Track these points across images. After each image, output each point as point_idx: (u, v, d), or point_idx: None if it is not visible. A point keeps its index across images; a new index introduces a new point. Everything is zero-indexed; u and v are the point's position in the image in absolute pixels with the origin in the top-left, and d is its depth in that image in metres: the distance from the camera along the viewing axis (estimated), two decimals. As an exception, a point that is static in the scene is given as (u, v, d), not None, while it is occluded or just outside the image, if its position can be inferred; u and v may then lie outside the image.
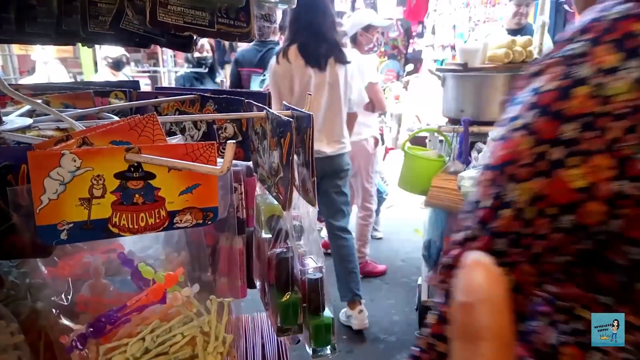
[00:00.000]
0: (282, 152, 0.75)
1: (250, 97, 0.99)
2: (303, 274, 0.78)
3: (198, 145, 0.60)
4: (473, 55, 2.47)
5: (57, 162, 0.54)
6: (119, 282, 0.66)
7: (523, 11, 3.51)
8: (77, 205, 0.55)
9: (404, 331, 2.63)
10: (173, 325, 0.62)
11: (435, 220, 2.52)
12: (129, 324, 0.61)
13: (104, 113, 0.92)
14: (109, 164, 0.56)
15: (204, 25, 0.50)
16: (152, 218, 0.59)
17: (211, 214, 0.63)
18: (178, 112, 1.07)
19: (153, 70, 9.07)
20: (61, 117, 0.71)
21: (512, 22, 3.57)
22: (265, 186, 0.86)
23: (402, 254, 3.67)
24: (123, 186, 0.57)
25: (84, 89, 1.05)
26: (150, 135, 0.64)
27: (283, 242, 0.80)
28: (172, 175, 0.59)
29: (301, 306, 0.77)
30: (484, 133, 2.37)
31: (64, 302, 0.60)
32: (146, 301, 0.62)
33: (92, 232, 0.56)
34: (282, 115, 0.74)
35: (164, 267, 0.68)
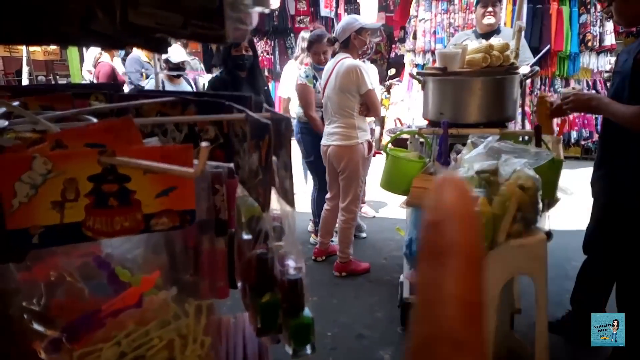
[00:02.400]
0: (260, 155, 0.75)
1: (233, 101, 1.00)
2: (283, 274, 0.79)
3: (174, 148, 0.60)
4: (452, 60, 2.51)
5: (28, 166, 0.53)
6: (95, 285, 0.65)
7: (491, 10, 3.51)
8: (49, 208, 0.54)
9: (386, 327, 2.65)
10: (150, 329, 0.62)
11: (416, 220, 2.54)
12: (104, 329, 0.60)
13: (83, 115, 0.91)
14: (82, 167, 0.56)
15: (176, 27, 0.50)
16: (128, 221, 0.58)
17: (188, 216, 0.62)
18: (160, 114, 1.06)
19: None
20: (36, 119, 0.70)
21: (483, 25, 3.56)
22: (246, 188, 0.86)
23: (385, 252, 3.69)
24: (97, 189, 0.56)
25: (63, 90, 1.04)
26: (126, 138, 0.64)
27: (263, 243, 0.80)
28: (147, 178, 0.59)
29: (281, 307, 0.77)
30: (463, 135, 2.40)
31: (36, 307, 0.60)
32: (122, 305, 0.61)
33: (65, 235, 0.56)
34: (260, 118, 0.74)
35: (142, 269, 0.68)
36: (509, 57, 2.54)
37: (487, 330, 0.46)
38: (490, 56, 2.48)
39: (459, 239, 0.31)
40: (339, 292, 3.08)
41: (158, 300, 0.63)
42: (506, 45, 2.54)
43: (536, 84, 6.32)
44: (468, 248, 0.31)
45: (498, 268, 1.92)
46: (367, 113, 3.17)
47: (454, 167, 2.25)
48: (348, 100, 3.07)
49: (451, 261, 0.31)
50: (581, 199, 2.71)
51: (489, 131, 2.38)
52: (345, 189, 3.21)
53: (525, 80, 2.77)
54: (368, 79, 3.06)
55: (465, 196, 0.33)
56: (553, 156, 2.20)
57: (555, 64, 6.18)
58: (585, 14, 6.00)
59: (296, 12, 7.84)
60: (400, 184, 2.44)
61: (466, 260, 0.31)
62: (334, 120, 3.15)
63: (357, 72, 2.99)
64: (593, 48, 6.04)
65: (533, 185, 1.88)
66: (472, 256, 0.31)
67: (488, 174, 1.91)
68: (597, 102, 2.17)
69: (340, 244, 3.27)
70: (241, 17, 0.55)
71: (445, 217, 0.32)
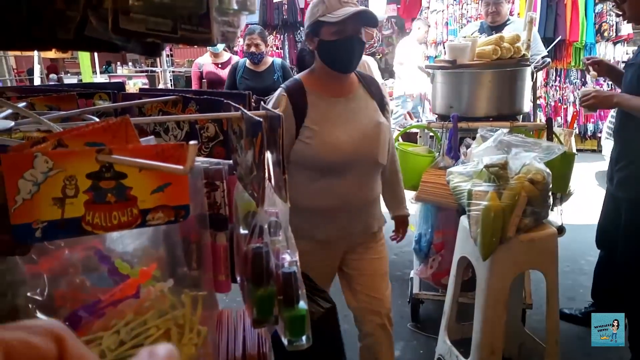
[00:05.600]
0: (255, 152, 0.77)
1: (231, 98, 1.02)
2: (278, 267, 0.81)
3: (168, 146, 0.63)
4: (462, 52, 2.50)
5: (30, 164, 0.56)
6: (96, 277, 0.69)
7: (492, 9, 3.52)
8: (50, 204, 0.58)
9: (397, 323, 2.65)
10: (147, 318, 0.65)
11: (425, 215, 2.55)
12: (104, 318, 0.63)
13: (87, 115, 0.95)
14: (81, 164, 0.59)
15: (167, 32, 0.53)
16: (125, 216, 0.61)
17: (183, 211, 0.65)
18: (161, 113, 1.10)
19: (151, 70, 9.13)
20: (39, 119, 0.73)
21: (487, 19, 3.60)
22: (243, 184, 0.89)
23: (396, 248, 3.69)
24: (95, 186, 0.59)
25: (68, 91, 1.08)
26: (124, 137, 0.67)
27: (259, 238, 0.82)
28: (143, 175, 0.62)
29: (276, 299, 0.80)
30: (472, 129, 2.40)
31: (40, 297, 0.63)
32: (120, 296, 0.64)
33: (66, 230, 0.59)
34: (254, 116, 0.76)
35: (141, 262, 0.71)
36: (520, 48, 2.52)
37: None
38: (500, 48, 2.47)
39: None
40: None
41: (155, 291, 0.66)
42: (517, 37, 2.53)
43: (551, 75, 6.22)
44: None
45: (507, 262, 1.92)
46: None
47: (463, 161, 2.25)
48: None
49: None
50: (598, 192, 2.67)
51: (499, 124, 2.37)
52: None
53: (537, 72, 2.74)
54: (376, 73, 3.06)
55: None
56: (565, 150, 2.19)
57: (571, 55, 6.07)
58: (601, 3, 5.88)
59: (305, 5, 7.83)
60: (410, 178, 2.44)
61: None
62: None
63: (365, 66, 3.01)
64: (609, 38, 5.93)
65: (543, 179, 1.87)
66: None
67: (497, 167, 1.90)
68: (618, 99, 2.16)
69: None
70: (229, 20, 0.57)
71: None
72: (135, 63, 9.37)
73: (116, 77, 8.40)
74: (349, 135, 1.72)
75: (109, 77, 8.35)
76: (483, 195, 1.87)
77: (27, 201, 0.57)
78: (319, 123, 1.72)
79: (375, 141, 1.79)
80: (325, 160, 1.71)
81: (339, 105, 1.77)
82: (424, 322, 2.64)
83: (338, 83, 1.80)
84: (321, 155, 1.71)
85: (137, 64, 9.34)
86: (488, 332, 1.96)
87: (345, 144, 1.71)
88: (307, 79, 1.80)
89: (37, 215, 0.57)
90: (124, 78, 8.30)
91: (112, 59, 9.58)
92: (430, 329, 2.50)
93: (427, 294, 2.59)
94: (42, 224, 0.58)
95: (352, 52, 1.71)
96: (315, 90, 1.76)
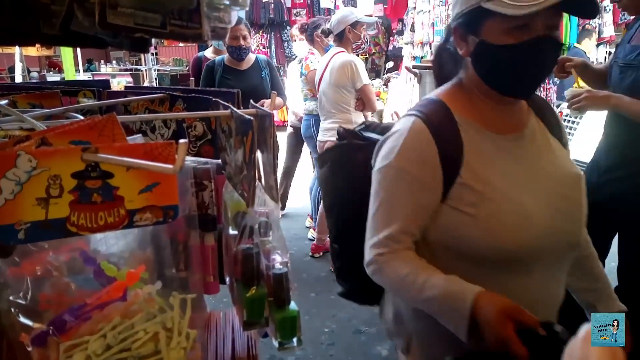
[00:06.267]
0: (245, 151, 0.76)
1: (219, 96, 1.01)
2: (269, 268, 0.80)
3: (156, 145, 0.61)
4: (448, 52, 2.51)
5: (12, 163, 0.54)
6: (82, 280, 0.67)
7: None
8: (34, 205, 0.56)
9: (386, 322, 2.68)
10: (135, 321, 0.63)
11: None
12: (90, 322, 0.62)
13: (70, 113, 0.92)
14: (66, 163, 0.57)
15: (155, 27, 0.51)
16: (111, 217, 0.60)
17: (171, 211, 0.64)
18: (148, 111, 1.08)
19: (135, 69, 9.02)
20: (22, 117, 0.71)
21: None
22: (232, 183, 0.88)
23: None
24: (81, 186, 0.58)
25: (52, 88, 1.05)
26: (110, 135, 0.65)
27: (249, 238, 0.81)
28: (130, 174, 0.60)
29: (267, 300, 0.79)
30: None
31: (23, 301, 0.61)
32: (107, 298, 0.63)
33: (50, 231, 0.57)
34: (244, 114, 0.75)
35: (128, 264, 0.69)
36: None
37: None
38: (486, 49, 2.48)
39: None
40: (337, 287, 3.09)
41: (143, 294, 0.64)
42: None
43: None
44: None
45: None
46: (362, 108, 3.17)
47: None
48: (343, 95, 3.07)
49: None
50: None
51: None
52: None
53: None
54: (364, 74, 3.06)
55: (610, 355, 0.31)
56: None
57: (555, 56, 6.16)
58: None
59: (292, 4, 7.82)
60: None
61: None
62: (330, 115, 3.15)
63: (352, 67, 3.00)
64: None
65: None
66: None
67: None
68: (616, 101, 1.91)
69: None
70: (219, 16, 0.56)
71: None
72: (119, 61, 9.25)
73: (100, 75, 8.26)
74: (538, 202, 0.99)
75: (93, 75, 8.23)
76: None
77: (10, 201, 0.55)
78: (486, 178, 0.98)
79: (577, 210, 1.08)
80: (502, 246, 0.95)
81: (513, 148, 1.03)
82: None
83: (507, 111, 1.06)
84: (497, 236, 0.95)
85: (121, 62, 9.23)
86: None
87: (537, 217, 0.97)
88: (453, 102, 1.04)
89: (20, 215, 0.55)
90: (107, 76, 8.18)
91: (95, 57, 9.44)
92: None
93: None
94: (25, 224, 0.56)
95: (543, 65, 0.98)
96: (470, 121, 1.02)
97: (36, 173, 0.55)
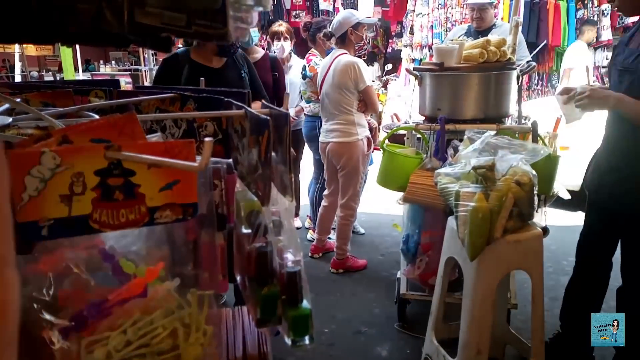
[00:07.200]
0: (260, 150, 0.77)
1: (230, 96, 1.02)
2: (282, 267, 0.81)
3: (177, 143, 0.62)
4: (449, 55, 2.53)
5: (37, 160, 0.55)
6: (101, 277, 0.67)
7: (477, 15, 3.59)
8: (57, 202, 0.57)
9: (384, 324, 2.68)
10: (154, 318, 0.64)
11: (413, 216, 2.57)
12: (111, 318, 0.62)
13: (84, 112, 0.93)
14: (89, 161, 0.58)
15: (181, 27, 0.52)
16: (133, 214, 0.60)
17: (191, 209, 0.64)
18: (158, 111, 1.08)
19: (134, 69, 9.00)
20: (41, 115, 0.72)
21: (473, 24, 3.67)
22: (245, 183, 0.88)
23: (382, 248, 3.72)
24: (103, 183, 0.58)
25: (64, 87, 1.06)
26: (130, 133, 0.66)
27: (262, 237, 0.82)
28: (151, 172, 0.61)
29: (280, 298, 0.79)
30: (460, 131, 2.42)
31: (46, 297, 0.62)
32: (127, 295, 0.63)
33: (73, 228, 0.58)
34: (260, 114, 0.76)
35: (145, 261, 0.70)
36: (506, 52, 2.56)
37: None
38: (487, 52, 2.50)
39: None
40: (337, 288, 3.11)
41: (162, 291, 0.65)
42: (503, 41, 2.56)
43: (533, 79, 6.35)
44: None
45: (494, 263, 1.94)
46: (365, 109, 3.18)
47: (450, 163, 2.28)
48: (346, 97, 3.08)
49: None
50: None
51: (486, 127, 2.39)
52: (344, 186, 3.22)
53: (523, 76, 2.79)
54: (366, 75, 3.07)
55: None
56: (550, 152, 2.23)
57: (553, 59, 6.20)
58: (582, 9, 6.02)
59: (292, 6, 7.83)
60: (397, 180, 2.46)
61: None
62: (332, 116, 3.16)
63: (355, 68, 3.01)
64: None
65: (529, 181, 1.90)
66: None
67: (485, 169, 1.92)
68: (617, 101, 1.89)
69: (338, 240, 3.29)
70: (242, 16, 0.57)
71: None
72: (118, 62, 9.22)
73: (99, 75, 8.24)
74: None
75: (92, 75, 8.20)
76: (471, 197, 1.89)
77: (34, 198, 0.56)
78: None
79: None
80: None
81: None
82: (411, 322, 2.65)
83: None
84: None
85: (121, 63, 9.20)
86: (475, 332, 1.98)
87: None
88: None
89: (43, 212, 0.56)
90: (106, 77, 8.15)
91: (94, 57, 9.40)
92: (417, 329, 2.52)
93: (414, 295, 2.61)
94: (48, 221, 0.56)
95: None
96: None
97: (60, 170, 0.56)
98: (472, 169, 1.93)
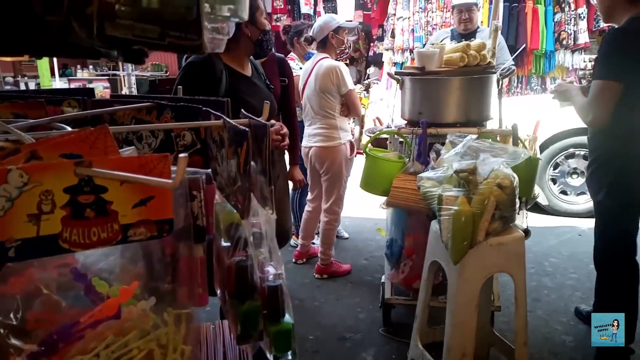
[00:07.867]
0: (239, 161, 0.75)
1: (209, 105, 0.99)
2: (262, 281, 0.79)
3: (152, 158, 0.60)
4: (430, 59, 2.54)
5: (3, 179, 0.52)
6: (72, 297, 0.65)
7: (465, 17, 3.64)
8: (25, 221, 0.54)
9: (369, 329, 2.67)
10: (129, 339, 0.62)
11: (396, 220, 2.57)
12: (83, 341, 0.60)
13: (56, 123, 0.90)
14: (59, 178, 0.55)
15: (154, 39, 0.50)
16: (105, 232, 0.58)
17: (166, 226, 0.62)
18: (135, 120, 1.06)
19: (112, 74, 8.86)
20: (8, 129, 0.69)
21: (460, 27, 3.71)
22: (224, 194, 0.86)
23: (366, 253, 3.72)
24: (73, 201, 0.56)
25: (36, 97, 1.02)
26: (102, 147, 0.63)
27: (242, 251, 0.80)
28: (124, 188, 0.59)
29: (261, 313, 0.78)
30: (441, 134, 2.43)
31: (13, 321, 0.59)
32: (100, 316, 0.61)
33: (41, 248, 0.55)
34: (238, 125, 0.74)
35: (120, 279, 0.67)
36: (486, 56, 2.58)
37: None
38: (467, 55, 2.52)
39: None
40: (321, 294, 3.09)
41: (137, 311, 0.63)
42: (483, 45, 2.58)
43: (513, 82, 6.43)
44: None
45: (477, 266, 1.95)
46: (347, 113, 3.18)
47: (433, 167, 2.28)
48: (328, 101, 3.07)
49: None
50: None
51: (467, 130, 2.41)
52: (328, 190, 3.21)
53: (503, 79, 2.82)
54: (348, 79, 3.06)
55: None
56: (530, 155, 2.25)
57: (532, 62, 6.29)
58: (560, 12, 6.12)
59: (273, 10, 7.81)
60: (380, 184, 2.45)
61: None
62: (314, 121, 3.15)
63: (337, 72, 3.00)
64: (568, 46, 6.17)
65: (511, 184, 1.91)
66: None
67: (467, 173, 1.93)
68: (571, 95, 2.26)
69: (322, 245, 3.27)
70: (218, 27, 0.55)
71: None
72: (96, 66, 9.07)
73: (76, 80, 8.10)
74: None
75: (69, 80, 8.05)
76: (453, 200, 1.89)
77: (0, 218, 0.53)
78: None
79: None
80: None
81: None
82: (396, 326, 2.65)
83: None
84: None
85: (98, 68, 9.05)
86: (459, 335, 1.98)
87: None
88: None
89: (10, 233, 0.53)
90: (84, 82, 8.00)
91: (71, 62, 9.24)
92: (402, 333, 2.51)
93: (398, 299, 2.60)
94: (16, 242, 0.54)
95: None
96: None
97: (27, 189, 0.54)
98: (454, 172, 1.94)
